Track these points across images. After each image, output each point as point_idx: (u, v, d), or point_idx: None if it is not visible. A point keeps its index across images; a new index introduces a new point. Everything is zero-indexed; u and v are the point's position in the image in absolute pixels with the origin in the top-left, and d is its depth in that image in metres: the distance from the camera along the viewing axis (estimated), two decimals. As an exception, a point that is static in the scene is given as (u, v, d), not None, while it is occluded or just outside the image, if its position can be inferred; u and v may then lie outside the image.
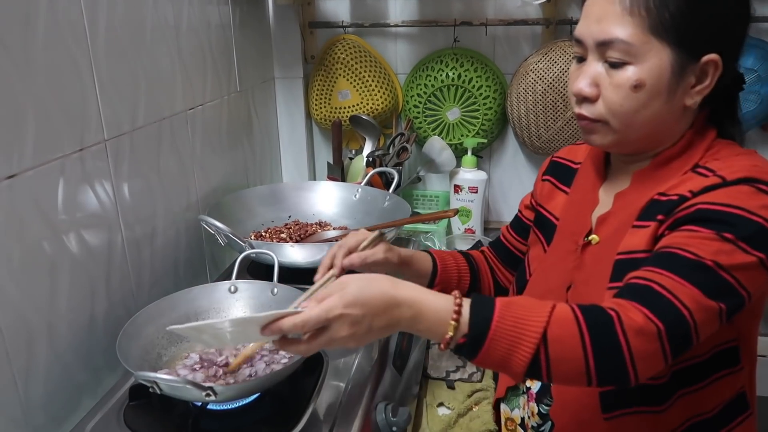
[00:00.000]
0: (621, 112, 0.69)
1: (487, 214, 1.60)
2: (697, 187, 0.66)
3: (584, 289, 0.74)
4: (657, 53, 0.66)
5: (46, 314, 0.76)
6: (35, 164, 0.72)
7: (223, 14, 1.24)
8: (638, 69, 0.66)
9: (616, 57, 0.67)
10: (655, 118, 0.69)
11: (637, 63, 0.66)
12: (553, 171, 0.90)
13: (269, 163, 1.54)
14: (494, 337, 0.59)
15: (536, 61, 1.39)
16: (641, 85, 0.67)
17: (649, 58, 0.66)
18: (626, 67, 0.67)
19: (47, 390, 0.76)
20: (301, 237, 1.16)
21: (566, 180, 0.86)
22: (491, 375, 1.05)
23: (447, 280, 0.91)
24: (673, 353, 0.60)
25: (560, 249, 0.81)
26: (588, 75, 0.70)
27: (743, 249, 0.62)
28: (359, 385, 0.82)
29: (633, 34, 0.66)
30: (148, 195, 0.98)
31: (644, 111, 0.68)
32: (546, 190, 0.88)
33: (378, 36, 1.53)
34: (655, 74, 0.66)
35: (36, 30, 0.72)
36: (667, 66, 0.66)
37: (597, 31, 0.68)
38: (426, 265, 0.90)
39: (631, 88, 0.67)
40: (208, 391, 0.65)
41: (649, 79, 0.66)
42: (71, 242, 0.80)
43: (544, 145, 1.44)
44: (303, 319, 0.59)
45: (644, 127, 0.70)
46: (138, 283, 0.95)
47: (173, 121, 1.05)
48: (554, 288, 0.78)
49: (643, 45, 0.66)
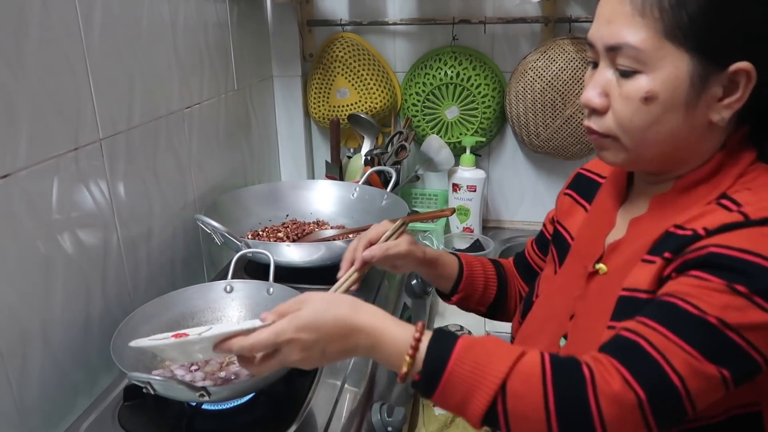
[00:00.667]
0: (631, 127, 0.60)
1: (485, 212, 1.60)
2: (714, 223, 0.56)
3: (585, 323, 0.66)
4: (672, 61, 0.57)
5: (41, 314, 0.75)
6: (29, 163, 0.72)
7: (220, 12, 1.23)
8: (650, 78, 0.58)
9: (625, 64, 0.59)
10: (671, 135, 0.60)
11: (649, 72, 0.58)
12: (576, 185, 0.81)
13: (267, 161, 1.53)
14: (449, 380, 0.55)
15: (535, 60, 1.38)
16: (653, 97, 0.58)
17: (663, 66, 0.57)
18: (637, 76, 0.58)
19: (42, 390, 0.76)
20: (298, 236, 1.16)
21: (588, 195, 0.78)
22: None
23: (472, 286, 0.87)
24: (660, 425, 0.52)
25: (569, 273, 0.73)
26: (597, 84, 0.62)
27: (758, 305, 0.52)
28: (355, 385, 0.82)
29: (644, 38, 0.57)
30: (144, 194, 0.98)
31: (658, 127, 0.59)
32: (566, 206, 0.81)
33: (376, 34, 1.52)
34: (670, 85, 0.57)
35: (29, 28, 0.72)
36: (685, 75, 0.57)
37: (606, 34, 0.60)
38: (451, 268, 0.87)
39: (641, 101, 0.58)
40: (201, 392, 0.64)
41: (662, 91, 0.58)
42: (66, 242, 0.79)
43: (542, 143, 1.43)
44: (251, 343, 0.57)
45: (660, 145, 0.61)
46: (134, 283, 0.95)
47: (170, 119, 1.04)
48: (557, 315, 0.70)
49: (655, 51, 0.57)
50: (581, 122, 1.38)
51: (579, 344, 0.64)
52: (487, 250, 1.32)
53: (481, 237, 1.39)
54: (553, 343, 0.68)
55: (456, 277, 0.86)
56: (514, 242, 1.56)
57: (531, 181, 1.59)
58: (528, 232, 1.60)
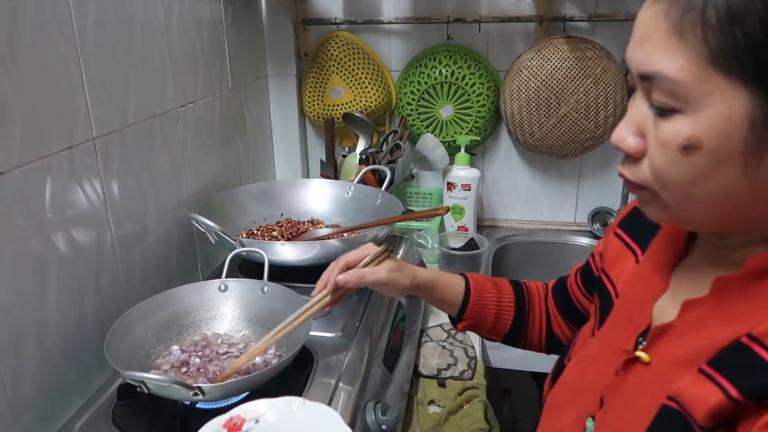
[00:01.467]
0: (670, 182, 0.45)
1: (480, 211, 1.61)
2: None
3: (615, 422, 0.53)
4: (723, 97, 0.41)
5: (35, 313, 0.75)
6: (23, 162, 0.72)
7: (214, 11, 1.23)
8: (692, 121, 0.43)
9: (661, 100, 0.44)
10: (727, 194, 0.44)
11: (691, 111, 0.43)
12: (630, 223, 0.66)
13: (262, 160, 1.53)
14: None
15: (529, 59, 1.39)
16: (695, 147, 0.43)
17: (710, 105, 0.42)
18: (676, 116, 0.44)
19: (36, 389, 0.76)
20: (293, 235, 1.16)
21: (643, 240, 0.62)
22: (482, 373, 1.05)
23: (480, 314, 0.79)
24: None
25: (607, 342, 0.60)
26: (631, 120, 0.48)
27: None
28: (349, 383, 0.82)
29: (682, 67, 0.42)
30: (139, 193, 0.97)
31: (705, 183, 0.44)
32: (614, 250, 0.66)
33: (371, 33, 1.52)
34: (720, 130, 0.42)
35: (23, 27, 0.71)
36: (741, 117, 0.41)
37: (639, 57, 0.45)
38: (454, 291, 0.79)
39: (680, 150, 0.43)
40: (195, 391, 0.64)
41: (709, 138, 0.42)
42: (60, 241, 0.79)
43: (537, 142, 1.44)
44: None
45: (711, 206, 0.46)
46: (128, 282, 0.95)
47: (164, 118, 1.04)
48: (588, 390, 0.58)
49: (699, 84, 0.42)
50: (575, 121, 1.38)
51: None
52: (482, 248, 1.33)
53: (475, 236, 1.39)
54: (580, 420, 0.58)
55: (461, 301, 0.79)
56: (508, 241, 1.57)
57: (525, 180, 1.59)
58: (523, 231, 1.60)
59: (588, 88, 1.36)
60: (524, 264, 1.56)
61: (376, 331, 0.95)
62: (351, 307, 0.97)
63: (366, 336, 0.92)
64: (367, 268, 0.76)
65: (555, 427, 0.62)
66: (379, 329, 0.96)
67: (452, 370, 1.04)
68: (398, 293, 0.79)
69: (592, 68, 1.35)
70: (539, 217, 1.63)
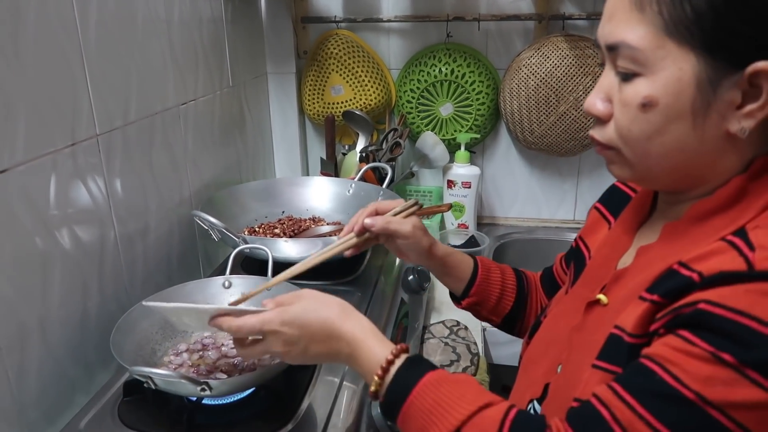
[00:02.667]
0: (630, 138, 0.53)
1: (480, 209, 1.61)
2: (713, 269, 0.47)
3: (577, 356, 0.59)
4: (675, 61, 0.49)
5: (39, 309, 0.75)
6: (26, 159, 0.72)
7: (215, 9, 1.23)
8: (649, 82, 0.50)
9: (624, 66, 0.52)
10: (678, 147, 0.52)
11: (649, 74, 0.50)
12: (608, 198, 0.74)
13: (262, 158, 1.53)
14: (408, 411, 0.54)
15: (529, 57, 1.39)
16: (652, 104, 0.50)
17: (664, 68, 0.49)
18: (636, 79, 0.51)
19: (40, 386, 0.76)
20: (294, 232, 1.16)
21: (616, 211, 0.70)
22: (486, 369, 1.05)
23: (485, 292, 0.83)
24: None
25: (577, 296, 0.66)
26: (600, 88, 0.55)
27: (750, 378, 0.43)
28: (354, 379, 0.82)
29: (642, 36, 0.50)
30: (141, 190, 0.97)
31: (660, 138, 0.51)
32: (592, 221, 0.74)
33: (371, 31, 1.53)
34: (672, 89, 0.49)
35: (26, 24, 0.71)
36: (690, 78, 0.49)
37: (607, 31, 0.53)
38: (464, 269, 0.83)
39: (639, 108, 0.51)
40: (203, 386, 0.64)
41: (663, 96, 0.50)
42: (63, 238, 0.79)
43: (536, 140, 1.44)
44: (238, 324, 0.60)
45: (666, 160, 0.53)
46: (131, 279, 0.95)
47: (165, 116, 1.04)
48: (559, 340, 0.64)
49: (655, 50, 0.49)
50: (575, 119, 1.39)
51: (568, 380, 0.58)
52: (482, 246, 1.33)
53: (476, 233, 1.40)
54: (551, 369, 0.63)
55: (468, 279, 0.83)
56: (508, 239, 1.57)
57: (525, 178, 1.60)
58: (522, 229, 1.61)
59: (587, 86, 1.36)
60: (524, 261, 1.56)
61: (379, 327, 0.94)
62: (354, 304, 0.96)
63: (369, 332, 0.92)
64: (395, 217, 0.77)
65: (530, 379, 0.66)
66: (382, 326, 0.96)
67: (455, 366, 1.04)
68: (416, 255, 0.80)
69: (591, 66, 1.36)
70: (538, 214, 1.63)
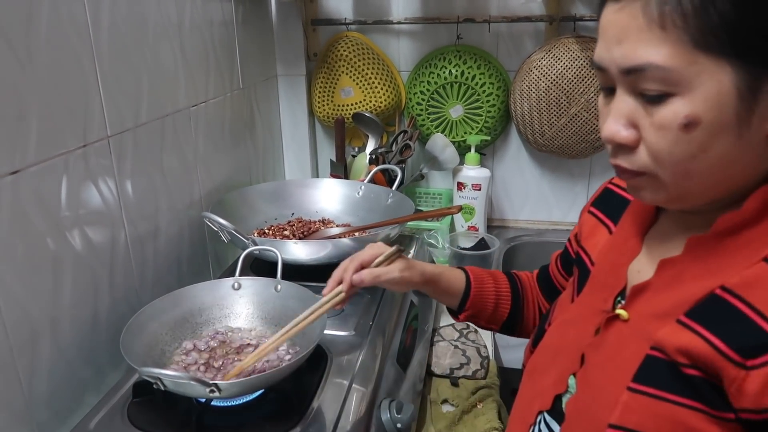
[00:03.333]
0: (672, 160, 0.49)
1: (490, 211, 1.60)
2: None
3: (599, 378, 0.56)
4: (711, 75, 0.46)
5: (50, 311, 0.76)
6: (38, 160, 0.72)
7: (225, 11, 1.23)
8: (686, 101, 0.47)
9: (653, 88, 0.48)
10: (723, 162, 0.49)
11: (684, 93, 0.47)
12: (603, 202, 0.72)
13: (272, 160, 1.53)
14: None
15: (539, 58, 1.38)
16: (695, 123, 0.47)
17: (701, 84, 0.46)
18: (670, 100, 0.47)
19: (51, 386, 0.76)
20: (304, 234, 1.16)
21: (615, 215, 0.68)
22: (496, 372, 1.05)
23: (481, 303, 0.83)
24: None
25: (586, 304, 0.64)
26: (620, 114, 0.51)
27: None
28: (363, 381, 0.82)
29: (670, 54, 0.46)
30: (151, 192, 0.98)
31: (704, 155, 0.48)
32: (589, 226, 0.72)
33: (381, 33, 1.53)
34: (713, 104, 0.46)
35: (39, 26, 0.72)
36: (730, 89, 0.46)
37: (620, 55, 0.49)
38: (457, 285, 0.84)
39: (680, 129, 0.47)
40: (212, 387, 0.64)
41: (705, 113, 0.46)
42: (75, 239, 0.79)
43: (547, 142, 1.43)
44: None
45: (708, 176, 0.50)
46: (141, 280, 0.95)
47: (176, 118, 1.04)
48: (569, 349, 0.62)
49: (688, 67, 0.46)
50: (586, 121, 1.38)
51: (593, 401, 0.56)
52: (493, 248, 1.32)
53: (486, 236, 1.39)
54: (562, 379, 0.61)
55: (462, 294, 0.83)
56: (518, 241, 1.56)
57: (535, 180, 1.59)
58: (532, 231, 1.60)
59: (598, 88, 1.35)
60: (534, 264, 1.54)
61: (389, 330, 0.95)
62: (363, 307, 0.97)
63: (379, 335, 0.91)
64: (381, 267, 0.78)
65: (535, 389, 0.64)
66: (392, 328, 0.96)
67: (465, 369, 1.03)
68: (407, 289, 0.84)
69: (602, 67, 1.35)
70: (549, 217, 1.62)
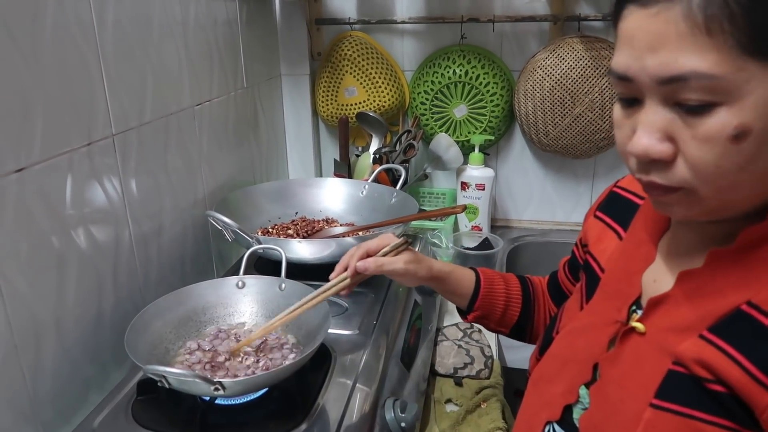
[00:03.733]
0: (718, 174, 0.46)
1: (494, 211, 1.60)
2: None
3: (617, 392, 0.53)
4: (761, 82, 0.43)
5: (54, 309, 0.76)
6: (43, 158, 0.72)
7: (230, 11, 1.24)
8: (736, 110, 0.44)
9: (697, 98, 0.44)
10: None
11: (733, 101, 0.43)
12: (609, 206, 0.69)
13: (275, 159, 1.53)
14: None
15: (544, 58, 1.38)
16: (745, 133, 0.44)
17: (751, 91, 0.43)
18: (716, 110, 0.44)
19: (55, 385, 0.76)
20: (308, 233, 1.16)
21: (623, 219, 0.65)
22: (500, 372, 1.04)
23: (490, 305, 0.82)
24: None
25: (597, 313, 0.61)
26: (654, 127, 0.47)
27: None
28: (367, 381, 0.81)
29: (717, 61, 0.43)
30: (156, 190, 0.98)
31: (752, 166, 0.45)
32: (596, 231, 0.69)
33: (385, 33, 1.52)
34: (765, 112, 0.44)
35: (44, 25, 0.72)
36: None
37: (655, 64, 0.45)
38: (466, 284, 0.83)
39: (729, 140, 0.44)
40: (216, 386, 0.64)
41: (757, 122, 0.44)
42: (79, 237, 0.79)
43: (551, 142, 1.43)
44: None
45: (753, 188, 0.47)
46: (145, 279, 0.95)
47: (180, 116, 1.04)
48: (580, 359, 0.59)
49: (736, 74, 0.43)
50: (590, 121, 1.38)
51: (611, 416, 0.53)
52: (496, 248, 1.32)
53: (489, 236, 1.39)
54: (572, 389, 0.59)
55: (472, 294, 0.83)
56: (522, 241, 1.56)
57: (539, 180, 1.58)
58: (536, 232, 1.60)
59: (603, 88, 1.35)
60: (538, 264, 1.55)
61: (393, 329, 0.94)
62: (368, 306, 0.97)
63: (383, 334, 0.91)
64: (386, 257, 0.78)
65: (543, 398, 0.62)
66: (396, 327, 0.95)
67: (469, 369, 1.03)
68: (414, 283, 0.82)
69: (606, 68, 1.34)
70: (553, 217, 1.62)
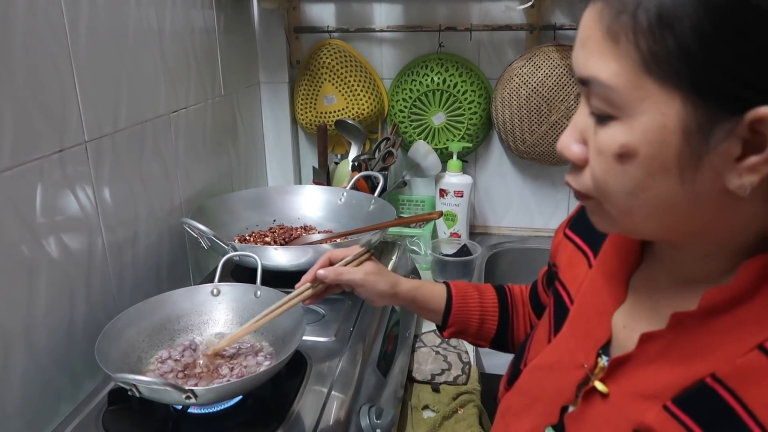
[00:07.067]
0: (608, 191, 0.44)
1: (472, 218, 1.61)
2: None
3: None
4: (656, 104, 0.39)
5: (24, 318, 0.74)
6: (13, 165, 0.71)
7: (207, 18, 1.23)
8: (626, 128, 0.41)
9: (597, 107, 0.42)
10: (665, 206, 0.42)
11: (625, 118, 0.41)
12: (580, 224, 0.63)
13: (254, 167, 1.53)
14: None
15: (520, 66, 1.40)
16: (630, 155, 0.41)
17: (644, 112, 0.39)
18: (611, 123, 0.42)
19: (24, 395, 0.75)
20: (285, 240, 1.16)
21: (594, 240, 0.59)
22: (477, 379, 1.05)
23: (464, 320, 0.79)
24: None
25: (567, 351, 0.57)
26: (575, 128, 0.46)
27: None
28: (343, 388, 0.81)
29: (616, 72, 0.40)
30: (130, 198, 0.97)
31: (642, 194, 0.42)
32: (567, 254, 0.63)
33: (363, 41, 1.53)
34: (654, 138, 0.40)
35: (15, 30, 0.71)
36: (675, 125, 0.39)
37: (580, 61, 0.43)
38: (436, 301, 0.80)
39: (615, 158, 0.42)
40: (188, 394, 0.64)
41: (643, 146, 0.40)
42: (50, 245, 0.78)
43: (528, 149, 1.44)
44: None
45: (652, 218, 0.44)
46: (119, 287, 0.94)
47: (156, 123, 1.04)
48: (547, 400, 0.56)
49: (632, 91, 0.40)
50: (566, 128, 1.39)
51: None
52: (475, 255, 1.33)
53: (468, 242, 1.39)
54: (538, 429, 0.56)
55: (444, 310, 0.80)
56: (501, 248, 1.57)
57: (517, 187, 1.60)
58: (514, 238, 1.61)
59: (579, 95, 1.37)
60: (517, 271, 1.56)
61: (370, 336, 0.94)
62: (344, 312, 0.97)
63: (359, 341, 0.91)
64: (347, 267, 0.78)
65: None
66: (373, 334, 0.95)
67: (446, 375, 1.03)
68: (379, 299, 0.79)
69: (582, 75, 1.36)
70: (531, 224, 1.63)
